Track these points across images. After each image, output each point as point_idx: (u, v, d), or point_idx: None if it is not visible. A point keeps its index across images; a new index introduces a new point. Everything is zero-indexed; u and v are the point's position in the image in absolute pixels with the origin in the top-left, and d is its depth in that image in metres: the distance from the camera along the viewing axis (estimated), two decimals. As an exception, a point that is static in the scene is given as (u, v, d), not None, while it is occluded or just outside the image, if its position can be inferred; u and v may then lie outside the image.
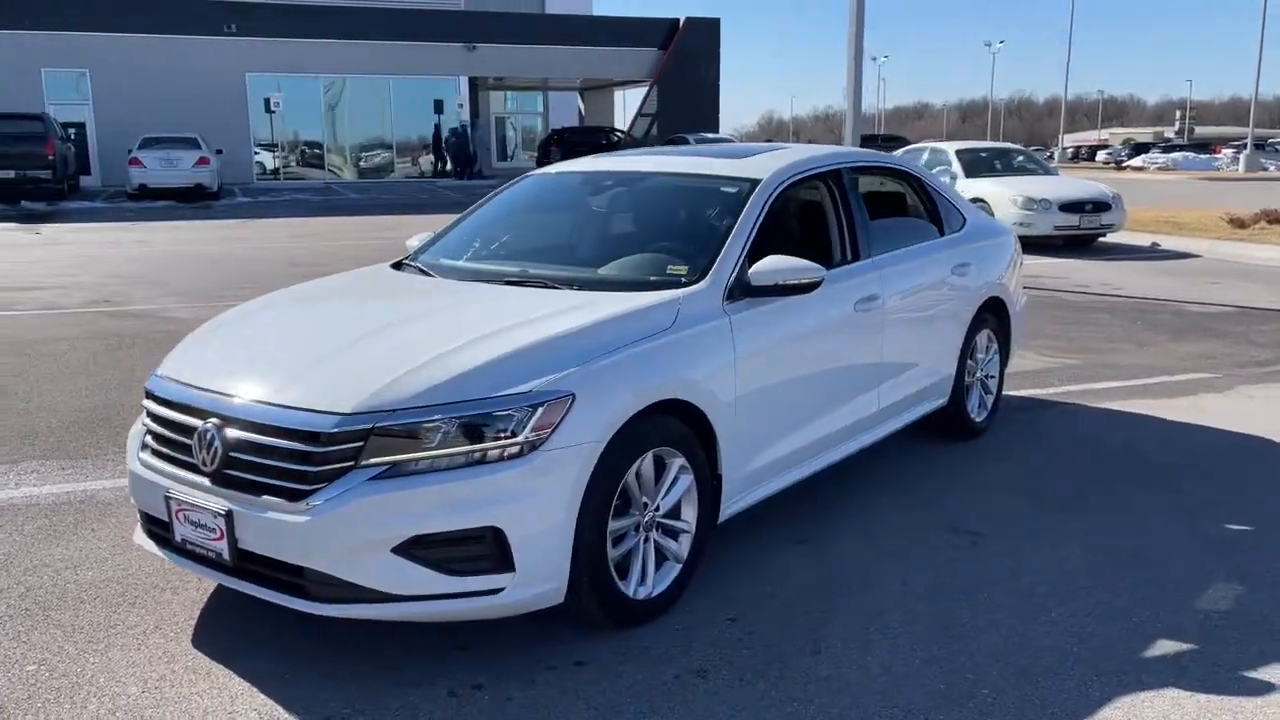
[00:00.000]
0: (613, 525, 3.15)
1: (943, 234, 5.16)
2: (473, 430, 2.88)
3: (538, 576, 2.94)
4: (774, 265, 3.69)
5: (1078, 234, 14.30)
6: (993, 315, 5.45)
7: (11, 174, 22.13)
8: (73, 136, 28.38)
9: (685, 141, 29.14)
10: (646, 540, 3.32)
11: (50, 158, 22.38)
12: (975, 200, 14.52)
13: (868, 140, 35.45)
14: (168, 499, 3.09)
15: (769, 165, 4.26)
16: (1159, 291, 10.68)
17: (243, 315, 3.89)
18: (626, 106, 43.68)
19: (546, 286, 3.73)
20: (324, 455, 2.84)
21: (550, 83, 39.81)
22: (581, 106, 43.39)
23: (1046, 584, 3.65)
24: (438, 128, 32.63)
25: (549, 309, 3.42)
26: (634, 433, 3.15)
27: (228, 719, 2.77)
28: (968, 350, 5.21)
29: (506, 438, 2.88)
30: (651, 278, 3.74)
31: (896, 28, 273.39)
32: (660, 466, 3.34)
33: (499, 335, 3.18)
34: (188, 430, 3.10)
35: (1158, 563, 3.83)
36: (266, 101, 30.35)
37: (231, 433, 2.98)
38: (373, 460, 2.83)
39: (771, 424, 3.80)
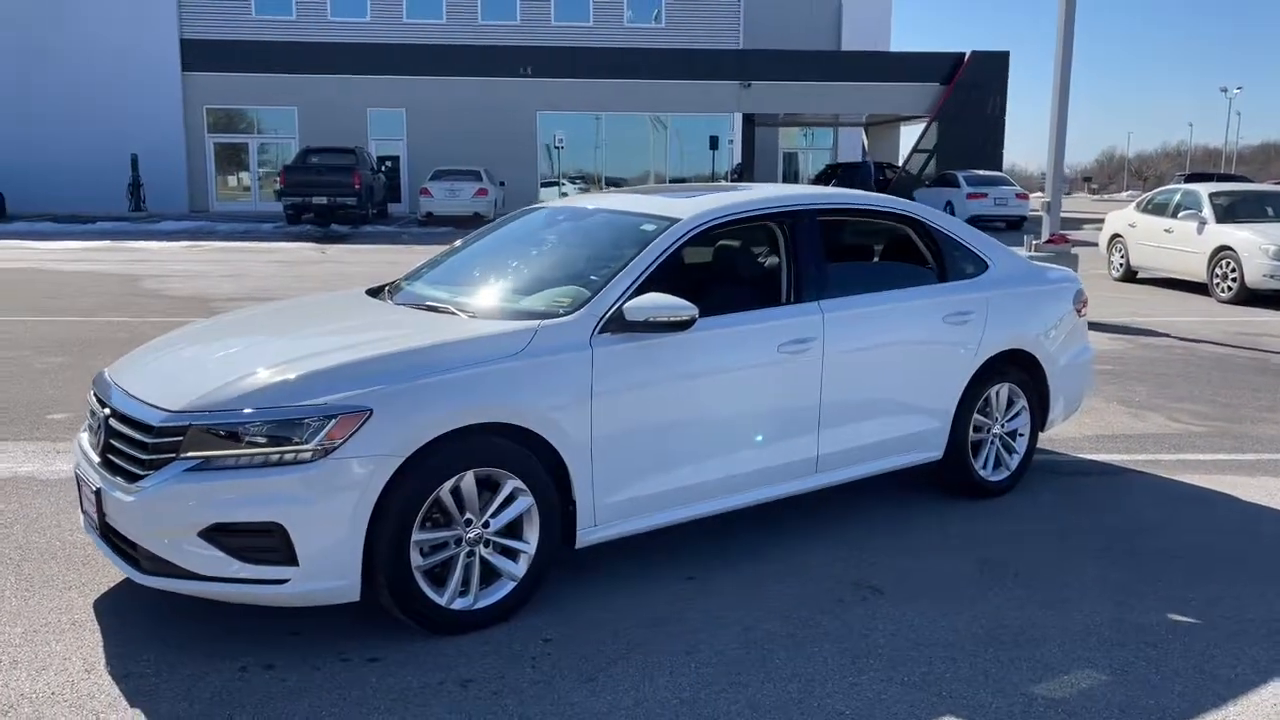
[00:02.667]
0: (422, 536, 3.39)
1: (944, 279, 4.93)
2: (273, 435, 3.24)
3: (323, 573, 3.25)
4: (646, 302, 3.78)
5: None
6: (1018, 369, 5.11)
7: (324, 200, 25.20)
8: (387, 168, 31.91)
9: (951, 181, 28.17)
10: (471, 555, 3.53)
11: (356, 187, 25.27)
12: (1220, 249, 13.11)
13: (1197, 178, 32.35)
14: (77, 475, 3.69)
15: (695, 207, 4.32)
16: (1398, 359, 9.22)
17: (199, 325, 4.46)
18: (911, 142, 42.72)
19: (450, 313, 4.02)
20: (154, 445, 3.31)
21: (841, 119, 39.79)
22: (865, 142, 42.91)
23: (899, 650, 3.47)
24: (736, 165, 33.48)
25: (417, 332, 3.72)
26: (450, 450, 3.39)
27: (61, 660, 3.29)
28: (973, 404, 4.93)
29: (299, 444, 3.22)
30: (537, 307, 3.95)
31: (1259, 54, 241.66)
32: (492, 486, 3.54)
33: (343, 352, 3.53)
34: (94, 416, 3.69)
35: (1027, 647, 3.52)
36: (552, 138, 32.54)
37: (112, 422, 3.52)
38: (189, 454, 3.26)
39: (646, 458, 3.87)
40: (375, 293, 4.63)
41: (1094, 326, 10.68)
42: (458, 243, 5.11)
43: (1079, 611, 3.78)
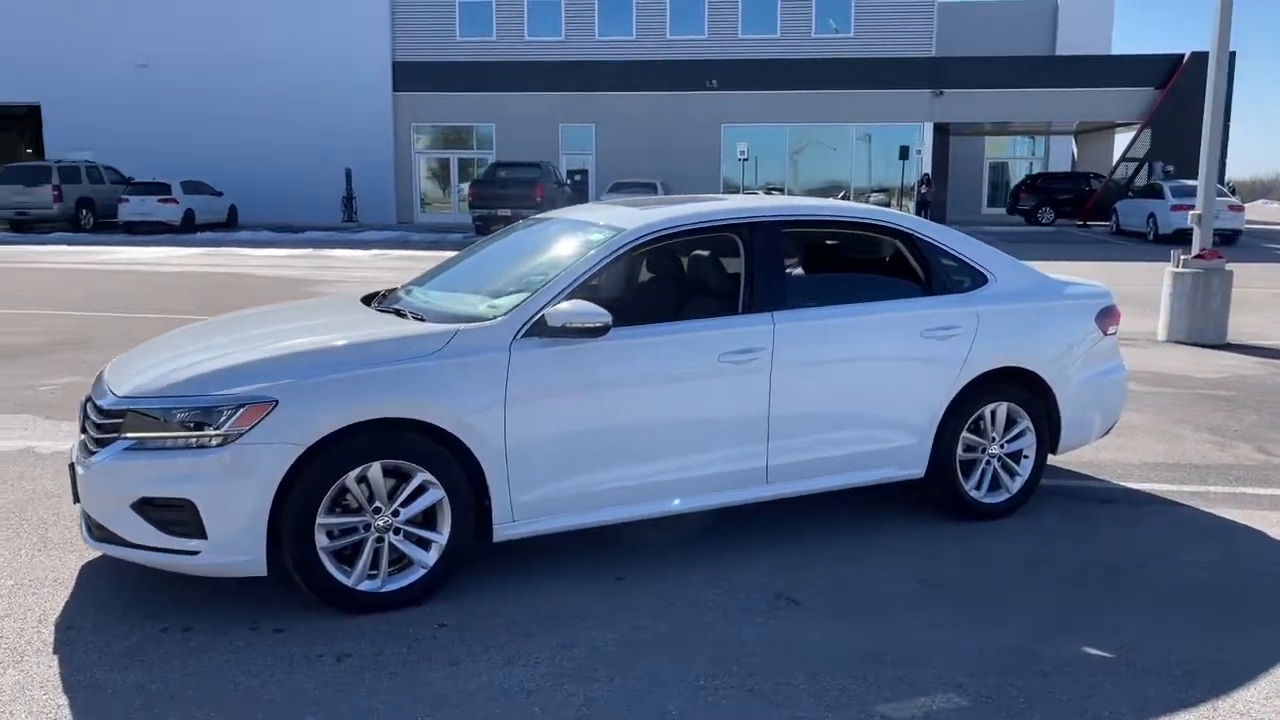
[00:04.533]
0: (329, 520, 3.68)
1: (929, 293, 4.79)
2: (195, 421, 3.61)
3: (229, 548, 3.59)
4: (565, 308, 3.93)
5: None
6: (1020, 388, 4.90)
7: (508, 211, 26.35)
8: (576, 181, 33.00)
9: (1157, 191, 26.35)
10: (380, 541, 3.79)
11: (538, 199, 26.30)
12: None
13: None
14: (71, 454, 4.21)
15: (643, 218, 4.42)
16: None
17: (196, 325, 4.89)
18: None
19: (404, 317, 4.30)
20: (102, 426, 3.76)
21: (1052, 126, 38.00)
22: (1075, 151, 40.66)
23: (770, 660, 3.46)
24: (925, 175, 32.69)
25: (350, 333, 4.02)
26: (355, 441, 3.67)
27: (25, 611, 3.78)
28: (960, 422, 4.77)
29: (212, 429, 3.58)
30: (476, 311, 4.17)
31: None
32: (403, 477, 3.79)
33: (273, 349, 3.87)
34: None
35: (907, 668, 3.42)
36: (737, 150, 32.72)
37: (88, 406, 4.00)
38: (128, 434, 3.68)
39: (566, 459, 4.01)
40: (369, 299, 4.97)
41: (1248, 350, 9.88)
42: (462, 250, 5.40)
43: (991, 638, 3.64)
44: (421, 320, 4.19)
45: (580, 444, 4.04)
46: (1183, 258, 10.69)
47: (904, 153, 32.91)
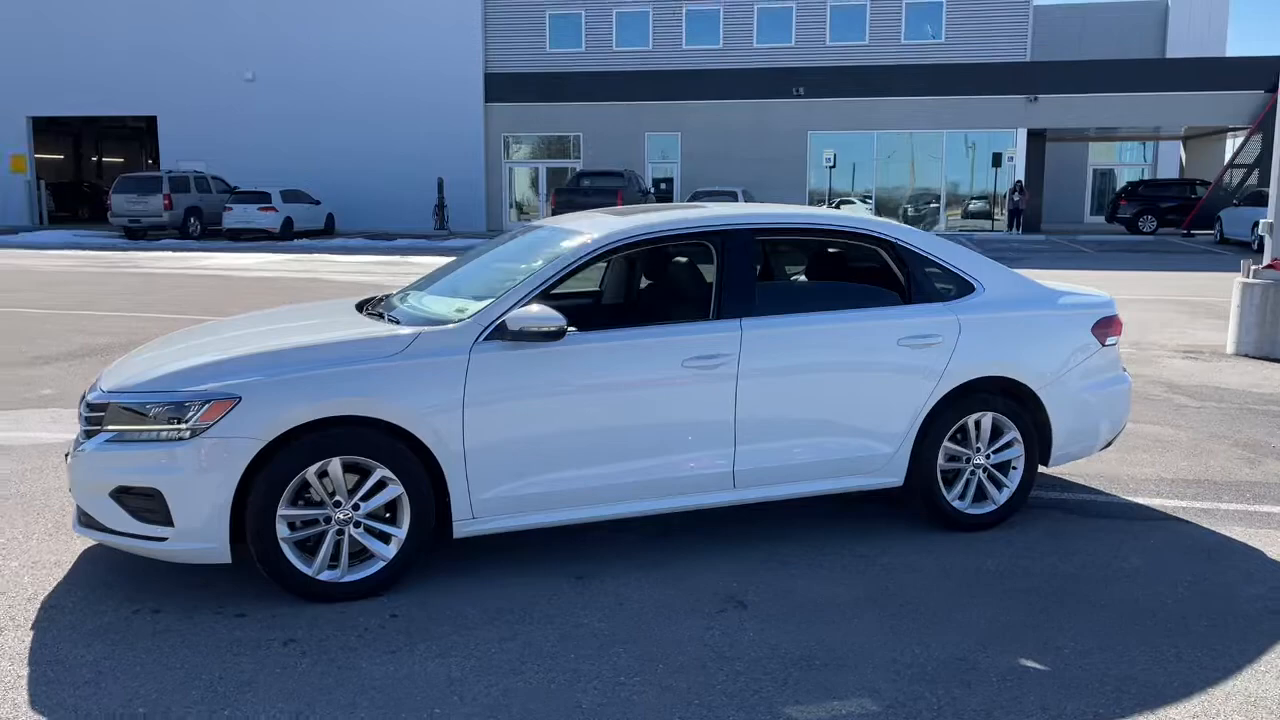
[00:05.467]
0: (289, 511, 3.87)
1: (909, 301, 4.76)
2: (167, 415, 3.84)
3: (194, 535, 3.80)
4: (523, 313, 4.05)
5: None
6: (1007, 398, 4.83)
7: (591, 220, 26.69)
8: (661, 189, 33.21)
9: (1264, 199, 25.20)
10: (340, 533, 3.96)
11: (619, 206, 26.57)
12: None
13: None
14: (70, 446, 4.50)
15: (615, 225, 4.51)
16: None
17: (195, 327, 5.14)
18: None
19: (383, 320, 4.48)
20: (92, 418, 4.02)
21: (1160, 131, 36.71)
22: (1183, 156, 39.14)
23: (697, 660, 3.52)
24: (1017, 183, 31.98)
25: (328, 333, 4.20)
26: (316, 437, 3.85)
27: (20, 588, 4.06)
28: (941, 431, 4.73)
29: (180, 424, 3.80)
30: (447, 314, 4.32)
31: None
32: (362, 473, 3.96)
33: (247, 348, 4.08)
34: (85, 399, 4.49)
35: (831, 672, 3.43)
36: (826, 156, 32.47)
37: (84, 402, 4.28)
38: (109, 426, 3.94)
39: (525, 460, 4.12)
40: (364, 303, 5.16)
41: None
42: (461, 256, 5.57)
43: (930, 647, 3.62)
44: (397, 323, 4.36)
45: (540, 445, 4.15)
46: (1253, 268, 10.26)
47: (996, 160, 32.19)
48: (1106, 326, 5.09)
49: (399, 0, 33.87)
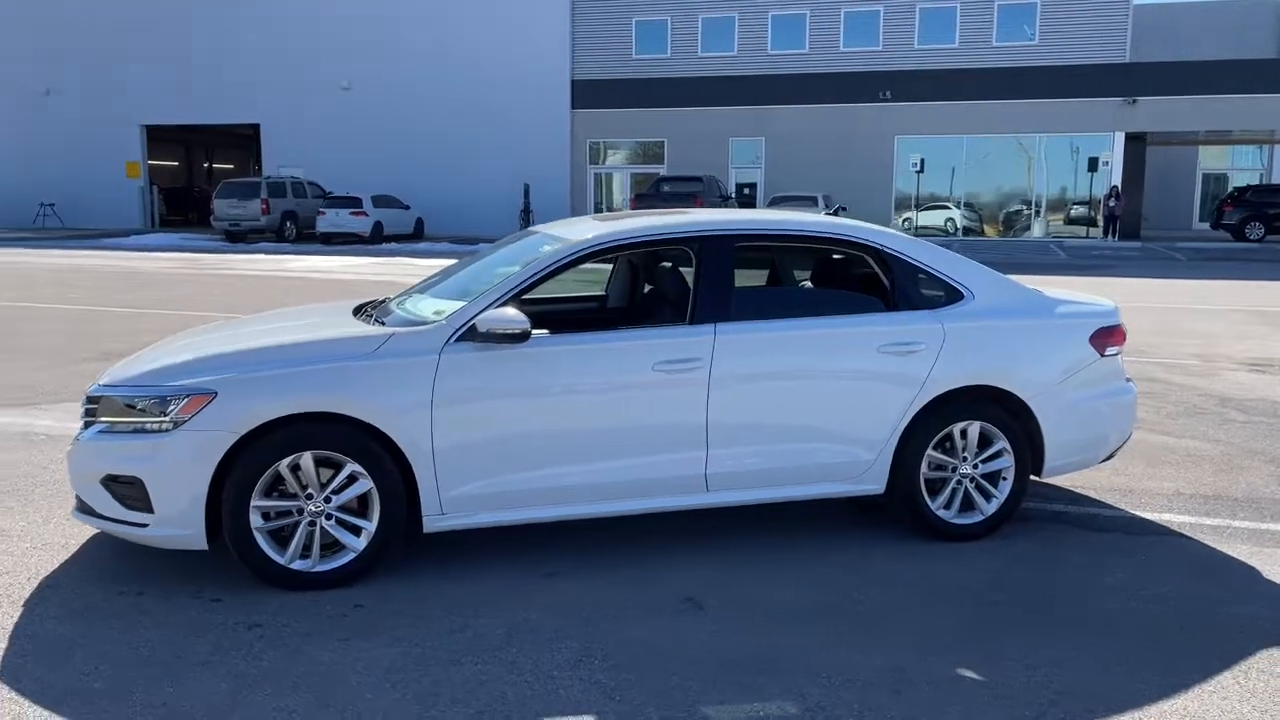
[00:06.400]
0: (263, 502, 4.05)
1: (894, 308, 4.72)
2: (152, 409, 4.06)
3: (172, 522, 4.01)
4: (491, 315, 4.16)
5: None
6: (997, 407, 4.75)
7: (670, 225, 26.80)
8: (745, 194, 33.14)
9: None
10: (312, 524, 4.13)
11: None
12: None
13: None
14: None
15: (591, 231, 4.59)
16: None
17: (202, 325, 5.37)
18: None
19: (370, 321, 4.64)
20: (90, 410, 4.27)
21: (1276, 135, 35.17)
22: (1296, 161, 37.36)
23: (631, 658, 3.57)
24: (1113, 188, 31.05)
25: (311, 333, 4.38)
26: (288, 431, 4.02)
27: (23, 568, 4.33)
28: (925, 439, 4.67)
29: (162, 416, 4.02)
30: (424, 316, 4.45)
31: None
32: (335, 467, 4.12)
33: (230, 346, 4.27)
34: (93, 393, 4.75)
35: (762, 675, 3.44)
36: (912, 161, 31.97)
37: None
38: (102, 418, 4.18)
39: (494, 459, 4.22)
40: (361, 307, 5.31)
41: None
42: (461, 260, 5.71)
43: (872, 655, 3.60)
44: (382, 325, 4.51)
45: (510, 445, 4.24)
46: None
47: (1092, 164, 31.24)
48: (1106, 336, 4.96)
49: (490, 9, 34.56)
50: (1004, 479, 4.82)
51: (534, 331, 4.32)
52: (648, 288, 5.08)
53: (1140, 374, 9.11)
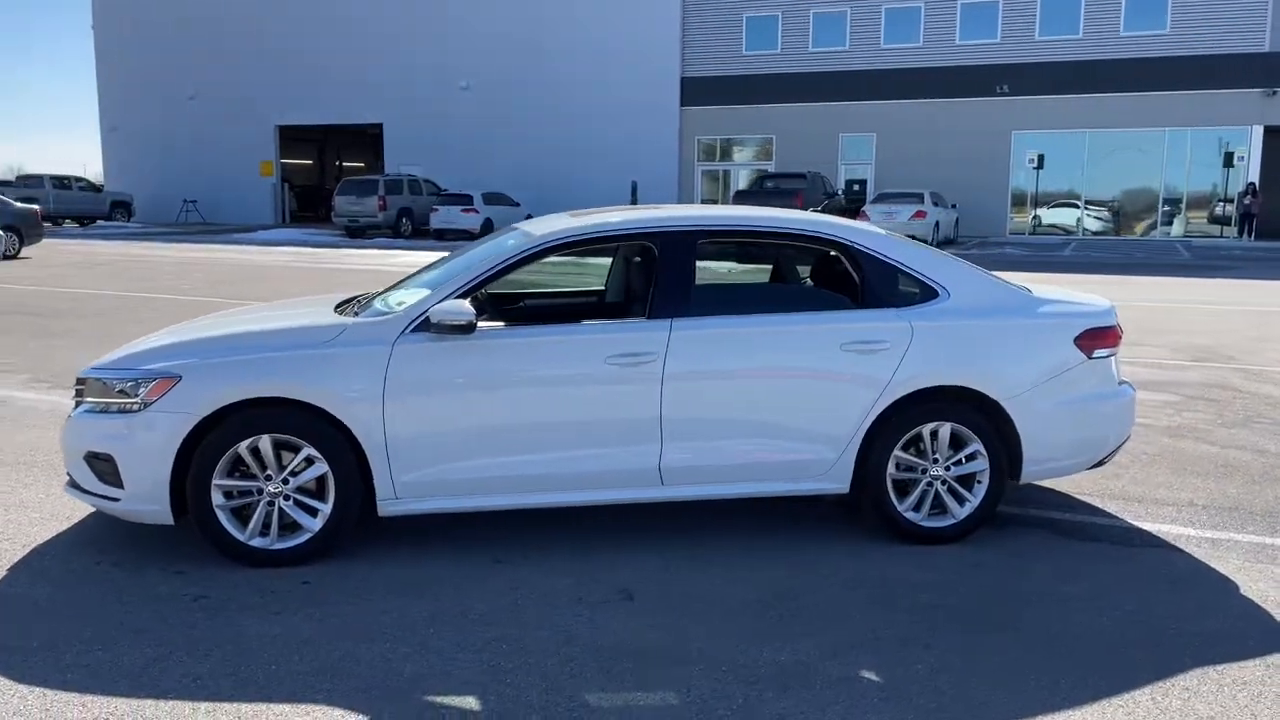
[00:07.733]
0: (224, 481, 4.27)
1: (862, 305, 4.64)
2: (127, 390, 4.32)
3: (141, 497, 4.26)
4: (441, 307, 4.28)
5: None
6: (970, 409, 4.62)
7: (772, 223, 26.62)
8: (854, 190, 32.61)
9: None
10: (271, 505, 4.33)
11: (799, 209, 26.35)
12: None
13: None
14: (78, 418, 5.09)
15: (555, 226, 4.65)
16: None
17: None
18: None
19: (342, 312, 4.82)
20: (79, 391, 4.57)
21: None
22: None
23: (550, 646, 3.63)
24: (1250, 185, 29.39)
25: (280, 323, 4.58)
26: (247, 415, 4.23)
27: (20, 535, 4.67)
28: (892, 439, 4.58)
29: (133, 398, 4.28)
30: (389, 309, 4.60)
31: None
32: (293, 450, 4.31)
33: (204, 334, 4.51)
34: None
35: (659, 667, 3.44)
36: (1030, 157, 30.89)
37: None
38: (87, 398, 4.47)
39: (446, 447, 4.34)
40: (345, 301, 5.46)
41: None
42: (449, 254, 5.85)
43: (781, 651, 3.57)
44: (355, 316, 4.68)
45: (462, 433, 4.35)
46: None
47: (1228, 159, 29.58)
48: (1095, 338, 4.76)
49: (603, 7, 34.93)
50: (979, 482, 4.68)
51: (491, 324, 4.42)
52: (636, 281, 5.12)
53: (1214, 381, 8.66)
